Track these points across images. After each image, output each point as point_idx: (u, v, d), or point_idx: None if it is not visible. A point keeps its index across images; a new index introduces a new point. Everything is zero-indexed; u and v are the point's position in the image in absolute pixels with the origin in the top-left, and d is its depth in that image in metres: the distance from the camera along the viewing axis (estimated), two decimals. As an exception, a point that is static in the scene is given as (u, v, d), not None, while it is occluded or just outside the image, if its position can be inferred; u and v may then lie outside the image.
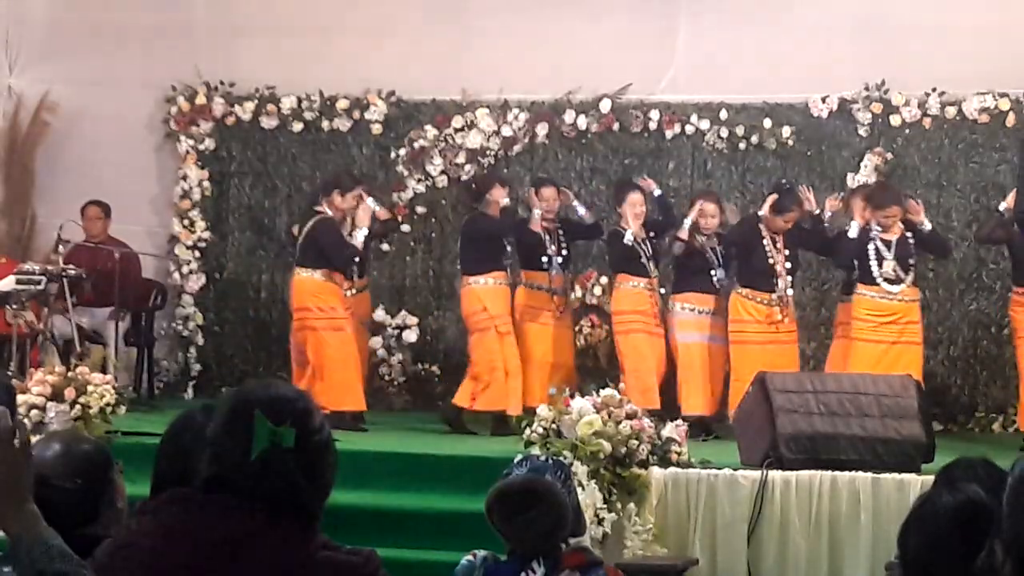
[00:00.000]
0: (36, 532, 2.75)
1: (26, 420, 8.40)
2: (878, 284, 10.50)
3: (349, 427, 10.15)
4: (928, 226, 10.65)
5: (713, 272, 10.91)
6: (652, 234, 11.05)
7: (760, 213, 10.86)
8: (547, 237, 11.12)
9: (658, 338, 10.95)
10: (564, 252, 11.13)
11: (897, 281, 10.51)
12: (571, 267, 11.46)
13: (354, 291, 11.21)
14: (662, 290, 11.08)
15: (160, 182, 12.98)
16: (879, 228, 10.53)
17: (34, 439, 3.07)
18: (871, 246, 10.51)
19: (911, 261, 10.55)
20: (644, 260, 10.97)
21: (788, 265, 10.81)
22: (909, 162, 11.94)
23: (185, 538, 2.91)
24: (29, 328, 10.72)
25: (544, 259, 11.08)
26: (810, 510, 8.32)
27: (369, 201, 11.19)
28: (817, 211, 10.88)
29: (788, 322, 10.81)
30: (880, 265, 10.50)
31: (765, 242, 10.81)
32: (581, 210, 11.32)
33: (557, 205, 11.14)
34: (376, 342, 12.20)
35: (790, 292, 10.79)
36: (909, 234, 10.56)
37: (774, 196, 10.89)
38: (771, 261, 10.78)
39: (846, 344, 10.70)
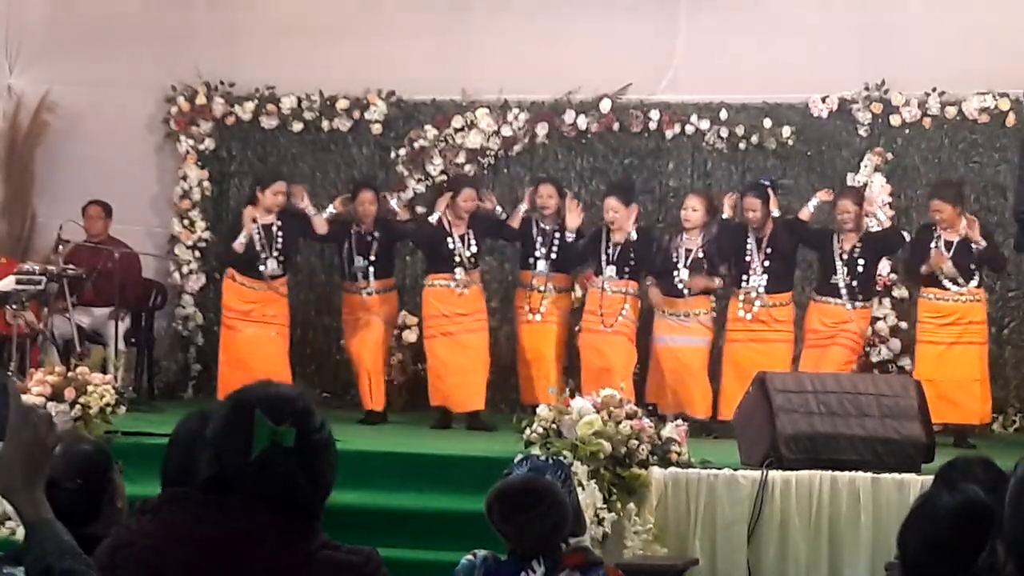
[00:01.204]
0: (50, 524, 2.78)
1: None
2: (938, 285, 10.52)
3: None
4: (983, 244, 10.60)
5: (675, 273, 10.92)
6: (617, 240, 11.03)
7: (724, 216, 10.93)
8: (540, 238, 11.13)
9: (607, 336, 10.93)
10: (554, 254, 11.11)
11: (955, 283, 10.50)
12: (574, 269, 11.45)
13: (372, 292, 11.27)
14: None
15: (160, 182, 12.99)
16: (941, 228, 10.55)
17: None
18: (933, 246, 10.53)
19: (972, 266, 10.53)
20: (603, 263, 10.97)
21: (767, 264, 10.82)
22: (909, 162, 11.93)
23: (185, 538, 2.91)
24: (29, 328, 10.72)
25: (530, 259, 11.12)
26: (810, 510, 8.32)
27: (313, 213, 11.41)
28: (777, 213, 10.87)
29: (774, 321, 10.81)
30: (944, 265, 10.51)
31: (748, 243, 10.85)
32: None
33: (553, 203, 11.14)
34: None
35: (762, 290, 10.79)
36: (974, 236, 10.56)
37: (734, 196, 11.06)
38: (748, 259, 10.83)
39: (818, 354, 10.69)
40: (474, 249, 11.17)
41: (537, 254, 11.13)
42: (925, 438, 8.71)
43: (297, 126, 12.73)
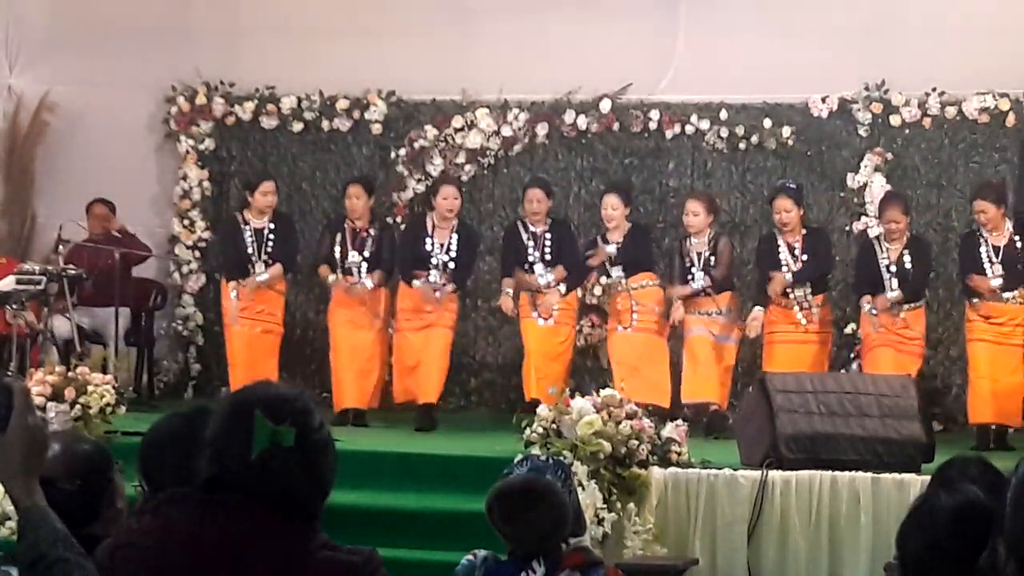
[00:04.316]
0: (43, 511, 2.79)
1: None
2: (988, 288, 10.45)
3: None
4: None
5: (690, 276, 10.92)
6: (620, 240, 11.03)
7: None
8: (532, 241, 11.11)
9: (631, 335, 10.93)
10: (548, 256, 11.09)
11: (1006, 287, 10.45)
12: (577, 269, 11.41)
13: (364, 287, 11.27)
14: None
15: (160, 182, 12.99)
16: (985, 230, 10.48)
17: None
18: (982, 249, 10.49)
19: (1020, 266, 10.43)
20: (608, 263, 10.99)
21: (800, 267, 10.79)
22: (909, 162, 11.93)
23: (185, 538, 2.91)
24: (29, 328, 10.72)
25: (524, 264, 11.10)
26: (810, 510, 8.32)
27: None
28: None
29: (811, 323, 10.78)
30: (992, 270, 10.45)
31: (780, 248, 10.83)
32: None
33: (544, 207, 11.13)
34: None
35: (801, 294, 10.76)
36: (1017, 238, 10.49)
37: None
38: (784, 269, 10.80)
39: (878, 355, 10.61)
40: (453, 254, 11.10)
41: (531, 258, 11.10)
42: (925, 438, 8.71)
43: (297, 126, 12.73)
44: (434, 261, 11.06)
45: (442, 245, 11.09)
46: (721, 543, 8.35)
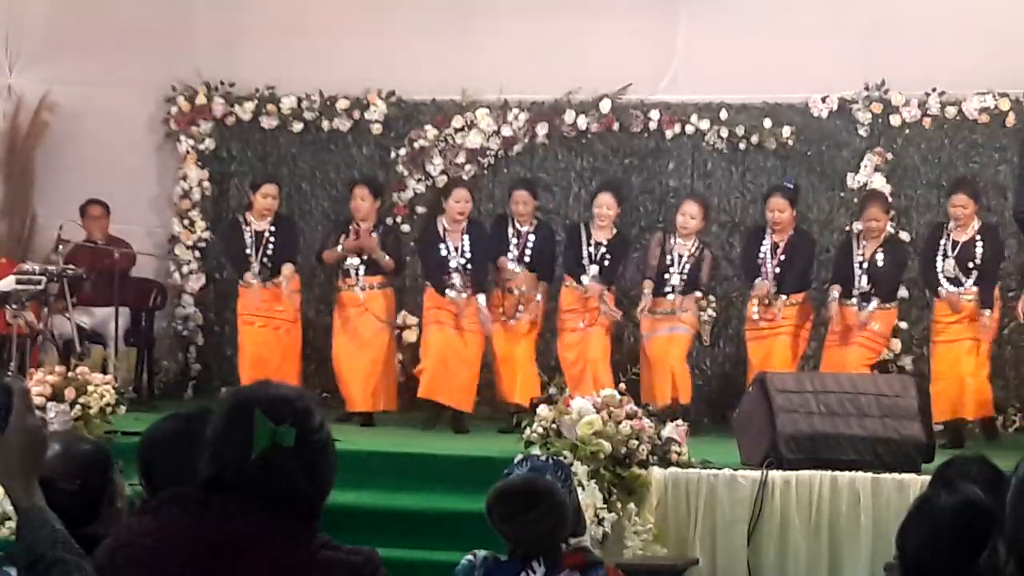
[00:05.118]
0: (42, 511, 2.79)
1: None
2: (941, 284, 10.51)
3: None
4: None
5: (667, 276, 10.93)
6: (606, 240, 11.02)
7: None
8: (515, 238, 11.11)
9: (585, 332, 10.95)
10: (528, 257, 11.09)
11: (956, 282, 10.48)
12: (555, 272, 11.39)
13: (364, 288, 11.25)
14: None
15: (160, 182, 12.99)
16: (957, 224, 10.52)
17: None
18: (942, 241, 10.54)
19: (971, 264, 10.47)
20: (586, 261, 10.97)
21: (778, 271, 10.79)
22: (909, 162, 11.93)
23: (185, 538, 2.91)
24: (29, 328, 10.72)
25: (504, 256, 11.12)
26: (810, 510, 8.33)
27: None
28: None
29: (781, 319, 10.80)
30: (943, 264, 10.50)
31: (763, 245, 10.84)
32: None
33: (530, 208, 11.14)
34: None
35: (773, 290, 10.79)
36: (979, 236, 10.54)
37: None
38: (759, 262, 10.83)
39: (840, 353, 10.66)
40: (468, 256, 11.09)
41: (509, 253, 11.11)
42: (925, 438, 8.71)
43: (297, 126, 12.73)
44: (452, 264, 11.04)
45: (456, 248, 11.06)
46: (721, 543, 8.35)
